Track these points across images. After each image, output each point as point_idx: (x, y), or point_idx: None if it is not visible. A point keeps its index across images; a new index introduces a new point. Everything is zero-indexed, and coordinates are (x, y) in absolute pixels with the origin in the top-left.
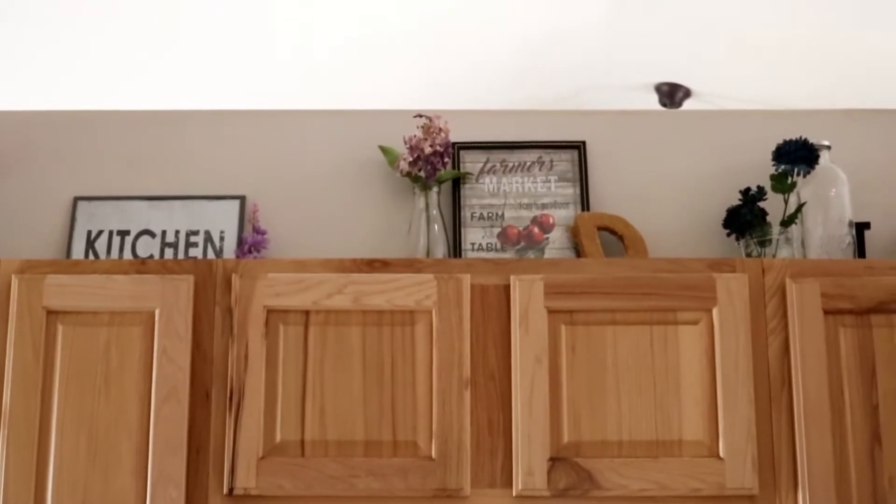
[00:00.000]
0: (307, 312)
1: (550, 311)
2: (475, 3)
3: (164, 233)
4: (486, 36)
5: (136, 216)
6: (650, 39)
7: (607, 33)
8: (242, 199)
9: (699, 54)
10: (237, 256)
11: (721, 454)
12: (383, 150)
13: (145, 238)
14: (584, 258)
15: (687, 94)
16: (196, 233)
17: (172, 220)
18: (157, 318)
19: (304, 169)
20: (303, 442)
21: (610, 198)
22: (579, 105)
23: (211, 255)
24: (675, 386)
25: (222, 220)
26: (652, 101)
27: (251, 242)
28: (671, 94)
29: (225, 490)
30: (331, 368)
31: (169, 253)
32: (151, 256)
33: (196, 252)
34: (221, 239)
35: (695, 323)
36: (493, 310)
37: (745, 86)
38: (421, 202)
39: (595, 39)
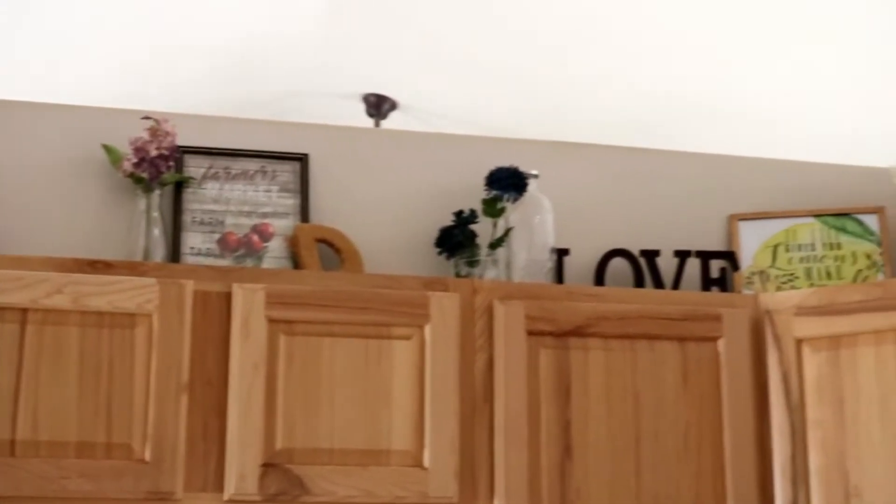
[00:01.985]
0: (25, 311)
1: (270, 321)
2: (193, 3)
3: None
4: (203, 35)
5: None
6: (361, 49)
7: (321, 40)
8: None
9: (408, 68)
10: None
11: (426, 464)
12: (107, 148)
13: None
14: (305, 270)
15: (393, 106)
16: None
17: None
18: None
19: (22, 163)
20: (13, 442)
21: (330, 211)
22: (288, 109)
23: None
24: (386, 398)
25: None
26: (359, 111)
27: None
28: (378, 105)
29: None
30: (47, 368)
31: None
32: None
33: None
34: None
35: (408, 338)
36: (214, 316)
37: (452, 104)
38: (142, 204)
39: (309, 45)
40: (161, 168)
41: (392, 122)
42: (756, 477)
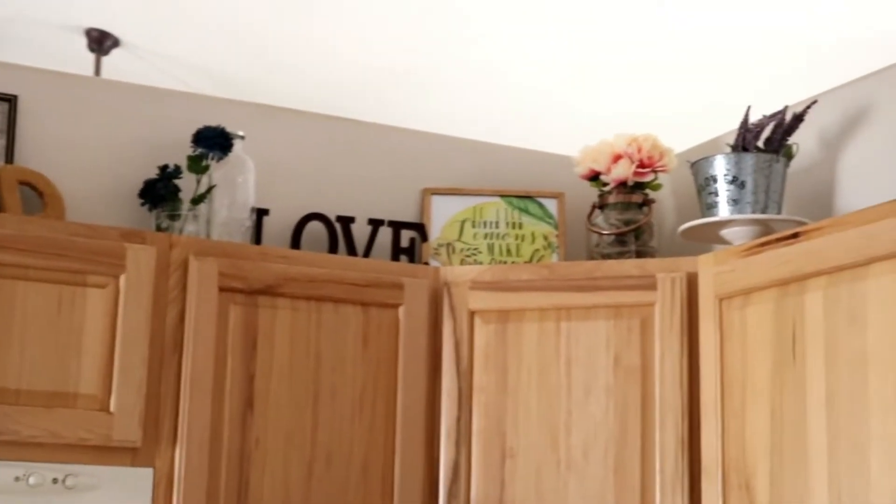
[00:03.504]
0: None
1: None
2: None
3: None
4: None
5: None
6: None
7: None
8: None
9: (134, 6)
10: None
11: (112, 409)
12: None
13: None
14: (4, 213)
15: (116, 43)
16: None
17: None
18: None
19: None
20: None
21: (37, 154)
22: (3, 36)
23: None
24: (77, 343)
25: None
26: (81, 45)
27: None
28: (100, 41)
29: None
30: None
31: None
32: None
33: None
34: None
35: (102, 287)
36: None
37: (177, 47)
38: None
39: None
40: None
41: (113, 59)
42: (424, 437)
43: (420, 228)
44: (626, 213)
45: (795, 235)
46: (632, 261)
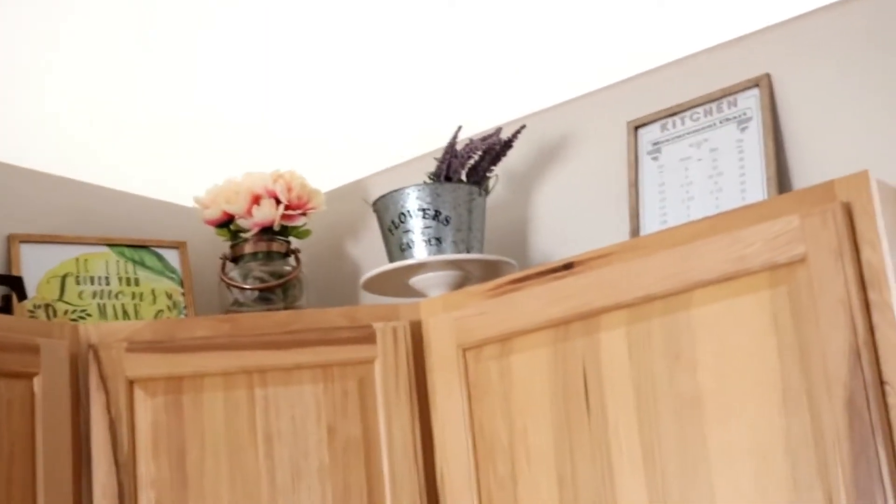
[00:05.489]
0: None
1: None
2: None
3: None
4: None
5: None
6: None
7: None
8: None
9: None
10: None
11: None
12: None
13: None
14: None
15: None
16: None
17: None
18: None
19: None
20: None
21: None
22: None
23: None
24: None
25: None
26: None
27: None
28: None
29: None
30: None
31: None
32: None
33: None
34: None
35: None
36: None
37: None
38: None
39: None
40: None
41: None
42: None
43: (16, 283)
44: (270, 264)
45: (569, 266)
46: (337, 309)
